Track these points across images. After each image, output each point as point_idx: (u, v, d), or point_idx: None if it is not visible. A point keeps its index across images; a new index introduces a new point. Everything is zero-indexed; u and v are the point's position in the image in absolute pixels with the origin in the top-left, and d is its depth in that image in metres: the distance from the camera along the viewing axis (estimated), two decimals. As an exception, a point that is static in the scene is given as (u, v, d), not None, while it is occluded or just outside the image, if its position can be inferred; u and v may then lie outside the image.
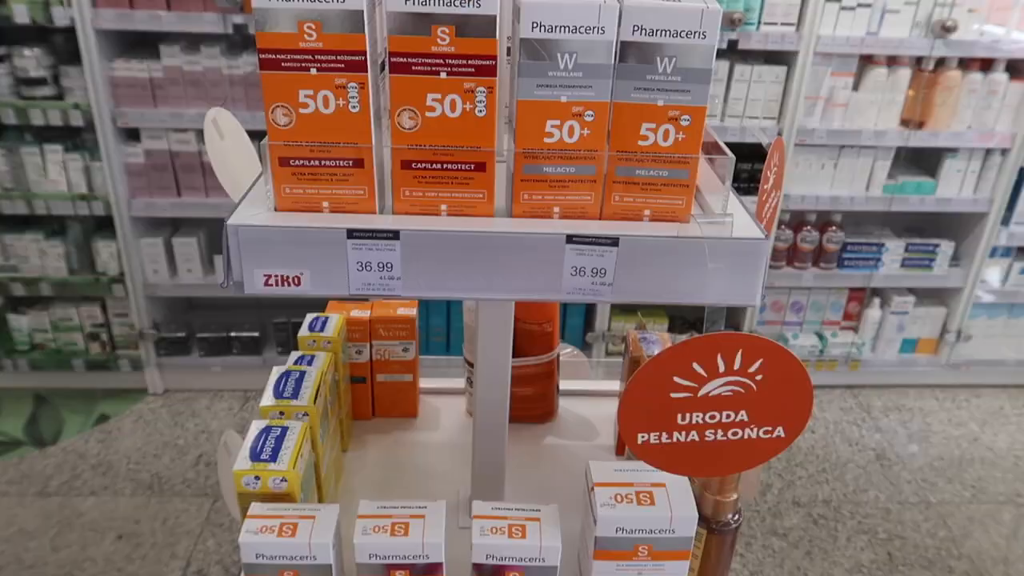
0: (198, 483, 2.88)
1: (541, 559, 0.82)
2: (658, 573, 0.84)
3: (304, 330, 1.16)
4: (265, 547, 0.80)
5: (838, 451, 3.17)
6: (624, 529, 0.81)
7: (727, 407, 0.65)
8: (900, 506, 2.91)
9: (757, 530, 2.77)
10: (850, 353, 3.37)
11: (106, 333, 3.21)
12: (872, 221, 3.33)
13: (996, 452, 3.20)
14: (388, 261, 0.72)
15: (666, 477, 0.85)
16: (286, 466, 0.87)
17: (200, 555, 2.59)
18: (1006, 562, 2.68)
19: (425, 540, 0.81)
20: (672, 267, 0.72)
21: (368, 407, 1.30)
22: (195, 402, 3.30)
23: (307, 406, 0.97)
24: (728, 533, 0.86)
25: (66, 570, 2.52)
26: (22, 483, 2.86)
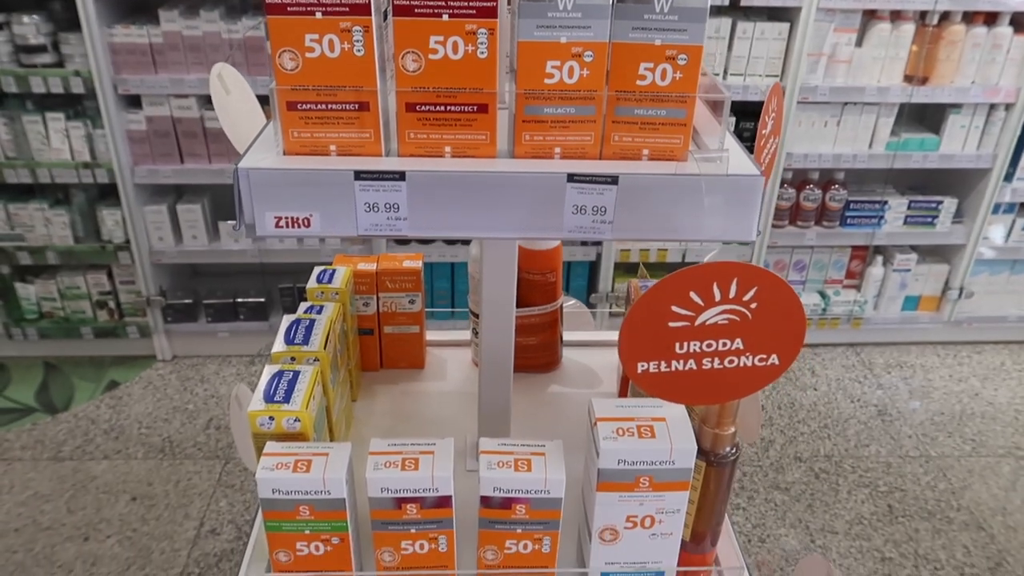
0: (209, 446, 2.93)
1: (546, 491, 0.85)
2: (659, 503, 0.87)
3: (312, 282, 1.18)
4: (281, 483, 0.84)
5: (840, 407, 3.21)
6: (626, 461, 0.84)
7: (723, 335, 0.68)
8: (901, 460, 2.95)
9: (760, 484, 2.82)
10: (852, 311, 3.40)
11: (113, 301, 3.24)
12: (875, 179, 3.33)
13: (996, 407, 3.23)
14: (395, 202, 0.74)
15: (666, 412, 0.87)
16: (299, 407, 0.90)
17: (213, 515, 2.65)
18: (1004, 512, 2.73)
19: (434, 474, 0.84)
20: (670, 205, 0.73)
21: (376, 358, 1.32)
22: (203, 368, 3.34)
23: (318, 351, 1.00)
24: (726, 465, 0.89)
25: (82, 531, 2.58)
26: (36, 448, 2.91)
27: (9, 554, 2.49)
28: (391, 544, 0.88)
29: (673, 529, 0.89)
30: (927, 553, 2.57)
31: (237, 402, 1.11)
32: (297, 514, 0.85)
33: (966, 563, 2.54)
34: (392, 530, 0.87)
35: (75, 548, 2.52)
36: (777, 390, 3.30)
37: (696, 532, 0.95)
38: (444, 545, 0.89)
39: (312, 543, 0.87)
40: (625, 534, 0.89)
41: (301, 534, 0.87)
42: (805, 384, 3.33)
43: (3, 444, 2.93)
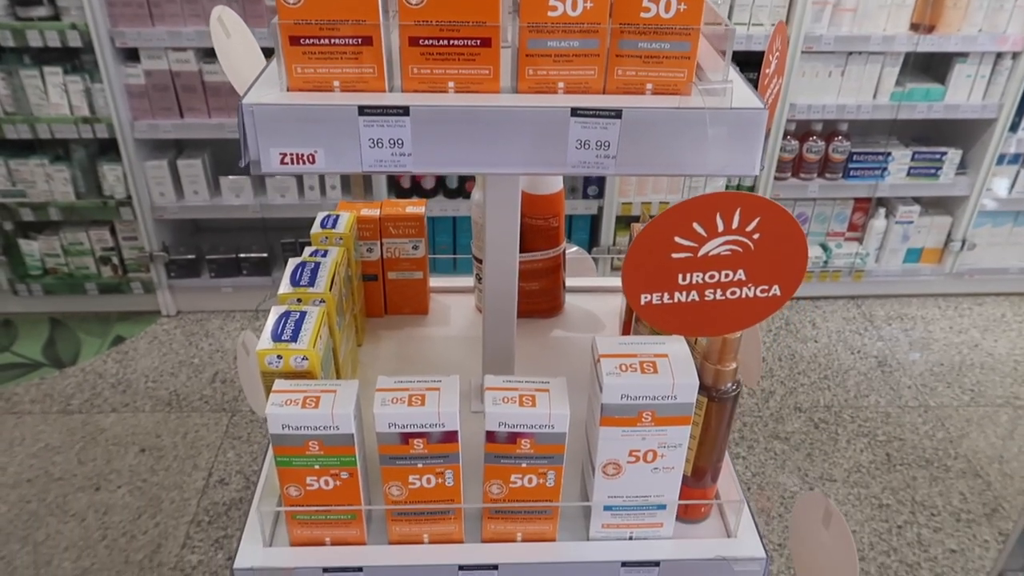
0: (215, 399, 2.96)
1: (550, 426, 0.87)
2: (661, 438, 0.89)
3: (316, 227, 1.18)
4: (290, 418, 0.85)
5: (840, 359, 3.23)
6: (629, 396, 0.85)
7: (726, 266, 0.68)
8: (900, 410, 2.98)
9: (760, 434, 2.85)
10: (854, 264, 3.40)
11: (117, 256, 3.25)
12: (879, 130, 3.31)
13: (996, 357, 3.25)
14: (399, 137, 0.74)
15: (669, 349, 0.88)
16: (306, 345, 0.92)
17: (221, 466, 2.69)
18: (1001, 460, 2.76)
19: (441, 409, 0.86)
20: (674, 139, 0.73)
21: (380, 305, 1.34)
22: (208, 323, 3.37)
23: (323, 293, 1.01)
24: (727, 401, 0.90)
25: (93, 482, 2.63)
26: (45, 402, 2.95)
27: (23, 504, 2.54)
28: (399, 479, 0.90)
29: (675, 463, 0.91)
30: (924, 500, 2.61)
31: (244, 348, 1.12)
32: (307, 449, 0.87)
33: (962, 509, 2.58)
34: (400, 465, 0.89)
35: (87, 498, 2.57)
36: (778, 342, 3.32)
37: (697, 468, 0.97)
38: (451, 479, 0.91)
39: (322, 478, 0.89)
40: (628, 468, 0.91)
41: (311, 469, 0.89)
42: (806, 336, 3.35)
43: (12, 398, 2.97)
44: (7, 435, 2.79)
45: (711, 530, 0.99)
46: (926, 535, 2.49)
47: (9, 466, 2.67)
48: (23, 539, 2.43)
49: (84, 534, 2.44)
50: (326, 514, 0.92)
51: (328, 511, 0.92)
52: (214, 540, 2.43)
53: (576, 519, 0.99)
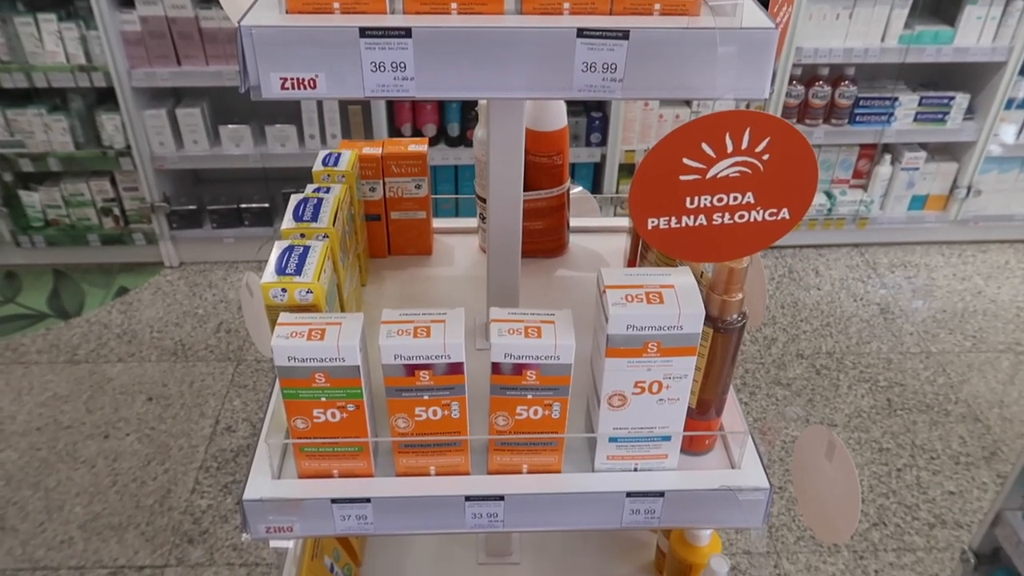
0: (220, 349, 2.98)
1: (556, 356, 0.87)
2: (667, 369, 0.89)
3: (318, 165, 1.17)
4: (296, 350, 0.85)
5: (843, 306, 3.23)
6: (634, 326, 0.85)
7: (734, 189, 0.67)
8: (901, 356, 2.99)
9: (762, 380, 2.87)
10: (858, 211, 3.38)
11: (118, 208, 3.24)
12: (886, 74, 3.26)
13: (999, 304, 3.25)
14: (401, 61, 0.72)
15: (675, 279, 0.88)
16: (311, 278, 0.91)
17: (228, 414, 2.72)
18: (1001, 405, 2.78)
19: (446, 341, 0.86)
20: (682, 61, 0.72)
21: (383, 245, 1.33)
22: (211, 273, 3.37)
23: (327, 228, 1.01)
24: (733, 332, 0.90)
25: (102, 430, 2.66)
26: (51, 352, 2.97)
27: (33, 451, 2.57)
28: (405, 411, 0.91)
29: (680, 395, 0.92)
30: (924, 444, 2.64)
31: (248, 289, 1.12)
32: (313, 382, 0.88)
33: (962, 452, 2.61)
34: (406, 397, 0.89)
35: (96, 445, 2.60)
36: (781, 290, 3.32)
37: (702, 401, 0.97)
38: (456, 412, 0.91)
39: (328, 410, 0.90)
40: (633, 400, 0.91)
41: (317, 401, 0.89)
42: (809, 284, 3.35)
43: (19, 348, 2.98)
44: (15, 384, 2.82)
45: (715, 462, 1.00)
46: (925, 478, 2.52)
47: (18, 415, 2.70)
48: (34, 485, 2.46)
49: (94, 480, 2.48)
50: (333, 446, 0.93)
51: (335, 443, 0.93)
52: (223, 485, 2.47)
53: (581, 451, 0.99)
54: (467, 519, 0.96)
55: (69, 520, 2.36)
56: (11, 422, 2.67)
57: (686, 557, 1.27)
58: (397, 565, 1.44)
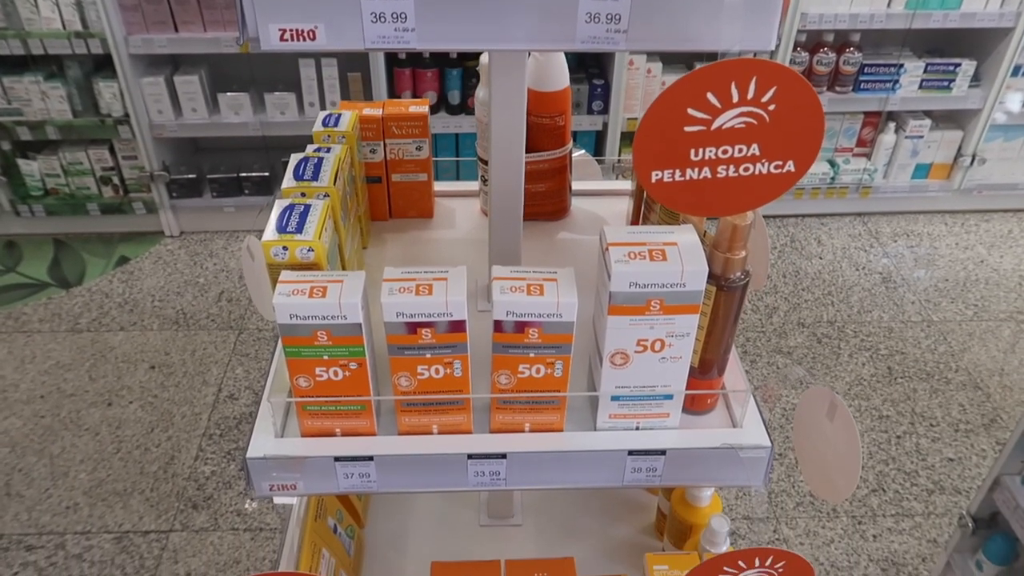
0: (222, 317, 2.98)
1: (558, 314, 0.87)
2: (669, 327, 0.89)
3: (318, 125, 1.16)
4: (298, 307, 0.85)
5: (845, 275, 3.23)
6: (637, 284, 0.85)
7: (740, 140, 0.67)
8: (903, 325, 2.99)
9: (763, 349, 2.87)
10: (862, 180, 3.36)
11: (117, 176, 3.22)
12: (892, 41, 3.22)
13: (1001, 273, 3.25)
14: (402, 11, 0.71)
15: (678, 237, 0.88)
16: (312, 236, 0.91)
17: (230, 382, 2.73)
18: (1002, 373, 2.79)
19: (448, 298, 0.86)
20: (687, 11, 0.71)
21: (385, 208, 1.32)
22: (211, 243, 3.36)
23: (328, 187, 1.00)
24: (736, 290, 0.90)
25: (105, 398, 2.67)
26: (53, 321, 2.97)
27: (37, 419, 2.59)
28: (407, 369, 0.91)
29: (682, 353, 0.91)
30: (924, 411, 2.65)
31: (249, 253, 1.12)
32: (315, 340, 0.87)
33: (961, 420, 2.62)
34: (408, 355, 0.89)
35: (99, 413, 2.61)
36: (783, 259, 3.32)
37: (704, 360, 0.97)
38: (459, 370, 0.91)
39: (331, 368, 0.90)
40: (635, 358, 0.91)
41: (320, 359, 0.89)
42: (811, 253, 3.34)
43: (21, 317, 2.99)
44: (18, 353, 2.82)
45: (717, 421, 1.00)
46: (924, 445, 2.53)
47: (21, 383, 2.71)
48: (39, 452, 2.48)
49: (98, 447, 2.50)
50: (336, 405, 0.93)
51: (338, 402, 0.93)
52: (226, 452, 2.48)
53: (583, 411, 1.00)
54: (469, 477, 0.96)
55: (74, 486, 2.38)
56: (14, 390, 2.68)
57: (687, 518, 1.28)
58: (400, 527, 1.45)
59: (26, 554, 2.19)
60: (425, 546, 1.42)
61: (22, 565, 2.17)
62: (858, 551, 2.22)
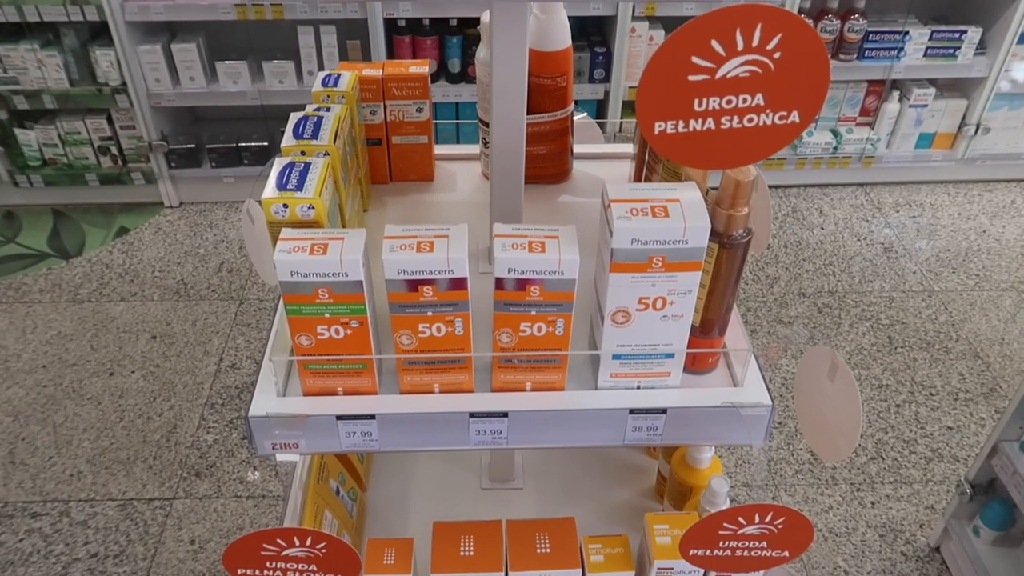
0: (223, 288, 2.98)
1: (560, 272, 0.86)
2: (671, 284, 0.88)
3: (317, 86, 1.15)
4: (299, 264, 0.85)
5: (846, 246, 3.22)
6: (639, 240, 0.84)
7: (744, 90, 0.66)
8: (904, 295, 2.99)
9: (763, 319, 2.88)
10: (864, 150, 3.34)
11: (115, 146, 3.21)
12: (897, 7, 3.19)
13: (1003, 243, 3.24)
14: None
15: (680, 194, 0.87)
16: (312, 194, 0.90)
17: (231, 352, 2.73)
18: (1002, 342, 2.79)
19: (450, 255, 0.85)
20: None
21: (385, 171, 1.31)
22: (211, 213, 3.35)
23: (327, 145, 0.99)
24: (738, 247, 0.89)
25: (107, 367, 2.67)
26: (54, 291, 2.97)
27: (40, 388, 2.60)
28: (409, 327, 0.90)
29: (684, 311, 0.91)
30: (923, 380, 2.66)
31: (249, 217, 1.11)
32: (316, 297, 0.87)
33: (961, 389, 2.63)
34: (409, 313, 0.89)
35: (102, 382, 2.62)
36: (784, 229, 3.31)
37: (705, 320, 0.97)
38: (460, 328, 0.91)
39: (332, 327, 0.90)
40: (637, 316, 0.91)
41: (321, 317, 0.89)
42: (812, 223, 3.33)
43: (22, 288, 2.99)
44: (19, 323, 2.83)
45: (718, 381, 1.00)
46: (924, 413, 2.54)
47: (23, 353, 2.72)
48: (42, 421, 2.49)
49: (101, 416, 2.51)
50: (337, 363, 0.93)
51: (340, 360, 0.93)
52: (228, 421, 2.50)
53: (584, 370, 1.00)
54: (471, 436, 0.97)
55: (77, 455, 2.39)
56: (16, 360, 2.69)
57: (687, 479, 1.28)
58: (402, 490, 1.46)
59: (31, 521, 2.21)
60: (427, 509, 1.43)
61: (27, 532, 2.19)
62: (856, 517, 2.24)
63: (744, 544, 0.98)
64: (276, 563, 0.95)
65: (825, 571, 2.11)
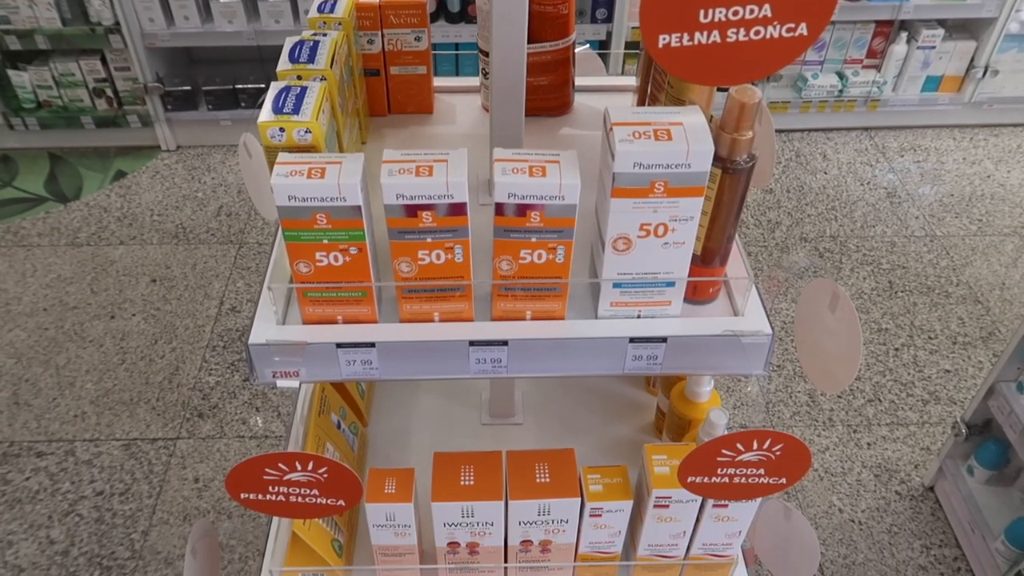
0: (222, 232, 2.97)
1: (561, 196, 0.85)
2: (673, 211, 0.88)
3: (313, 12, 1.12)
4: (296, 188, 0.84)
5: (849, 190, 3.20)
6: (642, 164, 0.83)
7: (751, 0, 0.64)
8: (905, 240, 2.98)
9: (764, 263, 2.87)
10: (870, 93, 3.29)
11: (111, 88, 3.16)
12: (907, -54, 3.11)
13: (1007, 188, 3.22)
14: None
15: (684, 117, 0.86)
16: (309, 117, 0.89)
17: (232, 295, 2.74)
18: (1002, 287, 2.79)
19: (449, 179, 0.84)
20: None
21: (383, 102, 1.29)
22: (209, 157, 3.32)
23: (324, 70, 0.97)
24: (742, 173, 0.88)
25: (108, 310, 2.68)
26: (52, 235, 2.96)
27: (41, 331, 2.60)
28: (408, 254, 0.90)
29: (685, 238, 0.90)
30: (923, 324, 2.66)
31: (246, 150, 1.10)
32: (314, 223, 0.86)
33: (960, 333, 2.63)
34: (408, 239, 0.88)
35: (103, 325, 2.63)
36: (787, 174, 3.28)
37: (707, 248, 0.96)
38: (460, 255, 0.90)
39: (331, 253, 0.89)
40: (638, 243, 0.90)
41: (319, 243, 0.88)
42: (815, 168, 3.30)
43: (20, 232, 2.98)
44: (18, 267, 2.82)
45: (718, 310, 1.00)
46: (922, 357, 2.55)
47: (24, 296, 2.72)
48: (45, 363, 2.50)
49: (103, 358, 2.52)
50: (337, 291, 0.93)
51: (339, 288, 0.92)
52: (229, 363, 2.51)
53: (585, 300, 0.99)
54: (471, 365, 0.97)
55: (81, 396, 2.41)
56: (17, 303, 2.69)
57: (686, 413, 1.29)
58: (402, 426, 1.48)
59: (36, 460, 2.24)
60: (427, 444, 1.44)
61: (33, 471, 2.22)
62: (852, 458, 2.27)
63: (742, 471, 0.98)
64: (279, 487, 0.96)
65: (820, 509, 2.14)
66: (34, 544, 2.04)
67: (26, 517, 2.10)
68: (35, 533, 2.07)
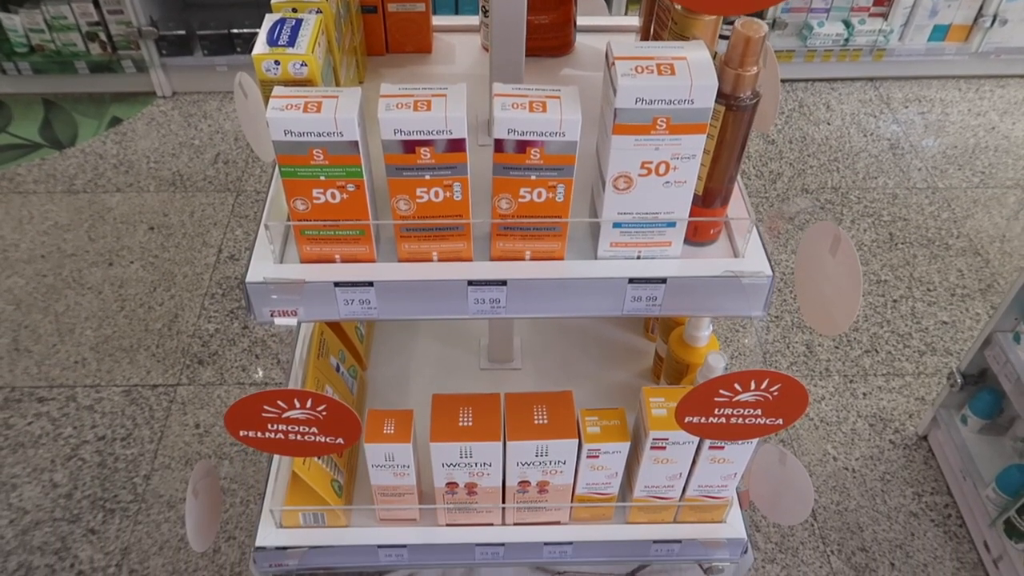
0: (219, 179, 2.95)
1: (561, 132, 0.84)
2: (675, 148, 0.86)
3: (309, -55, 1.09)
4: (292, 123, 0.82)
5: (852, 141, 3.17)
6: (644, 100, 0.82)
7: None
8: (907, 192, 2.96)
9: (764, 215, 2.85)
10: (876, 42, 3.24)
11: (104, 32, 3.10)
12: None
13: (1012, 140, 3.19)
14: None
15: (688, 52, 0.84)
16: (305, 50, 0.87)
17: (230, 243, 2.73)
18: (1003, 240, 2.78)
19: (447, 114, 0.83)
20: None
21: (381, 42, 1.27)
22: (205, 104, 3.28)
23: (320, 2, 0.95)
24: (746, 110, 0.87)
25: (106, 258, 2.67)
26: (48, 182, 2.94)
27: (40, 278, 2.60)
28: (406, 192, 0.89)
29: (687, 177, 0.89)
30: (922, 276, 2.66)
31: (241, 90, 1.08)
32: (311, 159, 0.85)
33: (958, 285, 2.63)
34: (406, 176, 0.87)
35: (101, 272, 2.62)
36: (789, 124, 3.24)
37: (708, 189, 0.95)
38: (459, 193, 0.89)
39: (328, 190, 0.88)
40: (639, 182, 0.89)
41: (316, 180, 0.87)
42: (819, 119, 3.27)
43: (16, 178, 2.95)
44: (15, 214, 2.81)
45: (719, 252, 1.00)
46: (920, 308, 2.56)
47: (21, 243, 2.71)
48: (44, 310, 2.50)
49: (102, 305, 2.52)
50: (334, 229, 0.92)
51: (336, 226, 0.91)
52: (228, 311, 2.51)
53: (584, 241, 0.99)
54: (469, 304, 0.97)
55: (81, 342, 2.42)
56: (15, 250, 2.68)
57: (684, 357, 1.30)
58: (401, 370, 1.48)
59: (38, 405, 2.26)
60: (426, 388, 1.45)
61: (35, 416, 2.23)
62: (847, 408, 2.28)
63: (739, 411, 0.99)
64: (277, 425, 0.97)
65: (815, 458, 2.17)
66: (38, 487, 2.07)
67: (29, 461, 2.12)
68: (39, 476, 2.09)
